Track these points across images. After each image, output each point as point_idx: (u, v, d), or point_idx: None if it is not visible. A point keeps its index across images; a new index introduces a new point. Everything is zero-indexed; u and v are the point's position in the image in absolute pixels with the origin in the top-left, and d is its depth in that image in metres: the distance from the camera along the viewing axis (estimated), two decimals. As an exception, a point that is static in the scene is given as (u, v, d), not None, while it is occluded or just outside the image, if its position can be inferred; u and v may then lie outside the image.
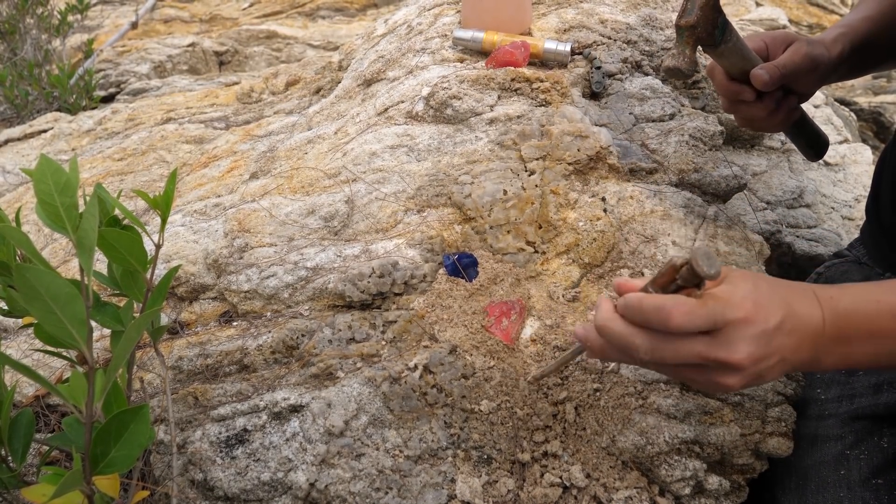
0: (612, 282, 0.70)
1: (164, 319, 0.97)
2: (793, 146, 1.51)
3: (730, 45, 0.90)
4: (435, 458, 0.77)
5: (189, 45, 2.71)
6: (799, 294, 0.68)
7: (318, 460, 0.76)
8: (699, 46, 0.88)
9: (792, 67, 0.93)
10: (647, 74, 1.19)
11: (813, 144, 1.11)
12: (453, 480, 0.75)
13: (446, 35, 1.26)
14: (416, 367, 0.79)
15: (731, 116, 1.41)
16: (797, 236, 1.36)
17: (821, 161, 1.63)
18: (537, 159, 0.97)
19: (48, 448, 0.74)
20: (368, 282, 0.87)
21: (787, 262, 1.34)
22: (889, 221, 1.01)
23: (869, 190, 1.12)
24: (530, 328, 0.87)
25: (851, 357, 0.67)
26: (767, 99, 0.97)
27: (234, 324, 0.92)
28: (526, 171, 0.97)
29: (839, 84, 3.06)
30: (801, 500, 0.84)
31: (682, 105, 1.15)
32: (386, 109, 1.13)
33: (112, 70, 2.55)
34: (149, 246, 0.66)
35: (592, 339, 0.68)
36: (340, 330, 0.86)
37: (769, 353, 0.64)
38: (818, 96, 1.87)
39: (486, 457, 0.77)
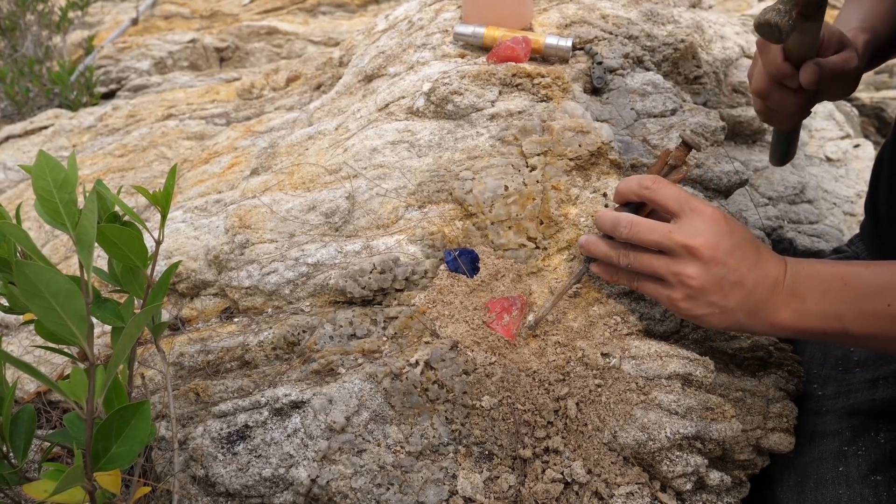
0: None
1: (165, 316, 0.97)
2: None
3: (815, 25, 0.84)
4: (436, 454, 0.77)
5: (190, 42, 2.71)
6: (766, 247, 0.77)
7: (320, 456, 0.76)
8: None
9: (840, 74, 0.90)
10: (648, 70, 1.18)
11: (787, 151, 1.09)
12: (455, 476, 0.75)
13: (447, 31, 1.26)
14: (417, 363, 0.79)
15: (733, 112, 1.41)
16: (799, 232, 1.36)
17: (823, 157, 1.62)
18: (538, 155, 0.97)
19: (49, 444, 0.75)
20: (369, 278, 0.87)
21: (789, 258, 1.34)
22: (886, 218, 1.01)
23: (868, 188, 1.11)
24: (531, 324, 0.87)
25: (805, 315, 0.73)
26: (803, 93, 0.93)
27: (235, 320, 0.92)
28: (527, 166, 0.96)
29: (841, 79, 3.05)
30: (800, 496, 0.84)
31: (684, 100, 1.14)
32: (387, 105, 1.13)
33: (113, 66, 2.55)
34: (149, 242, 0.66)
35: (591, 238, 0.83)
36: (341, 326, 0.85)
37: (728, 251, 0.73)
38: (820, 91, 1.86)
39: (487, 453, 0.77)
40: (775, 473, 0.87)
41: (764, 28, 0.81)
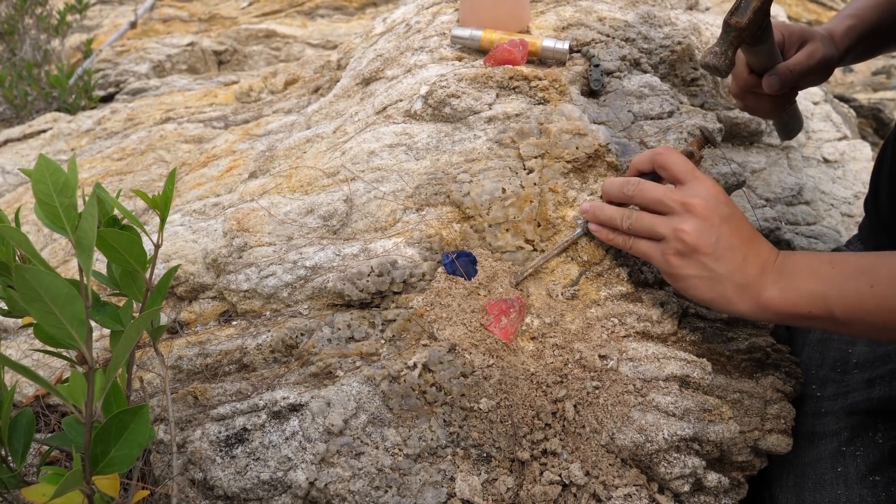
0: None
1: (164, 319, 0.97)
2: (792, 143, 1.51)
3: (765, 46, 0.93)
4: (434, 456, 0.77)
5: (188, 45, 2.71)
6: (760, 234, 0.81)
7: (318, 459, 0.76)
8: (740, 46, 0.91)
9: (806, 72, 0.98)
10: (645, 72, 1.19)
11: (793, 127, 1.17)
12: (453, 479, 0.75)
13: (445, 33, 1.26)
14: (415, 365, 0.79)
15: (731, 113, 1.41)
16: (796, 233, 1.36)
17: (820, 158, 1.63)
18: (536, 157, 0.97)
19: (48, 448, 0.75)
20: (367, 280, 0.87)
21: (787, 260, 1.34)
22: (888, 217, 1.01)
23: (868, 186, 1.12)
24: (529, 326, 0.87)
25: (791, 293, 0.74)
26: (774, 95, 1.01)
27: (234, 323, 0.92)
28: (524, 169, 0.97)
29: (839, 81, 3.06)
30: (798, 497, 0.84)
31: (681, 102, 1.15)
32: (384, 108, 1.13)
33: (111, 70, 2.55)
34: (148, 246, 0.66)
35: (596, 203, 0.88)
36: (339, 329, 0.86)
37: (723, 218, 0.77)
38: (817, 93, 1.87)
39: (485, 455, 0.77)
40: (774, 474, 0.87)
41: (707, 69, 0.92)
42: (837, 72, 3.34)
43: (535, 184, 0.95)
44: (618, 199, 0.86)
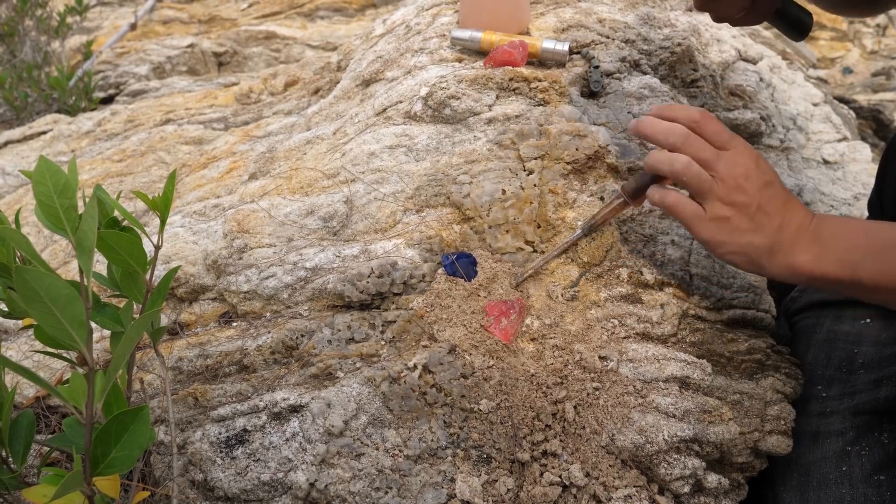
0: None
1: (164, 320, 0.97)
2: (792, 144, 1.51)
3: None
4: (434, 457, 0.77)
5: (188, 46, 2.71)
6: (795, 197, 0.81)
7: (318, 460, 0.76)
8: None
9: None
10: (645, 73, 1.19)
11: (796, 25, 1.06)
12: (453, 480, 0.75)
13: (444, 35, 1.26)
14: (415, 366, 0.79)
15: (731, 115, 1.41)
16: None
17: (820, 159, 1.63)
18: (536, 159, 0.97)
19: (49, 449, 0.75)
20: (367, 282, 0.87)
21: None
22: (892, 215, 1.01)
23: (873, 187, 1.12)
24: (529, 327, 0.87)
25: (823, 259, 0.76)
26: None
27: (234, 324, 0.92)
28: (524, 170, 0.97)
29: (838, 82, 3.06)
30: (802, 497, 0.84)
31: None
32: (384, 110, 1.14)
33: (111, 71, 2.55)
34: (148, 247, 0.66)
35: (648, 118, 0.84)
36: (340, 330, 0.86)
37: (759, 186, 0.77)
38: (817, 94, 1.87)
39: (485, 456, 0.77)
40: (777, 473, 0.87)
41: None
42: (837, 73, 3.33)
43: (534, 185, 0.95)
44: (661, 135, 0.82)
